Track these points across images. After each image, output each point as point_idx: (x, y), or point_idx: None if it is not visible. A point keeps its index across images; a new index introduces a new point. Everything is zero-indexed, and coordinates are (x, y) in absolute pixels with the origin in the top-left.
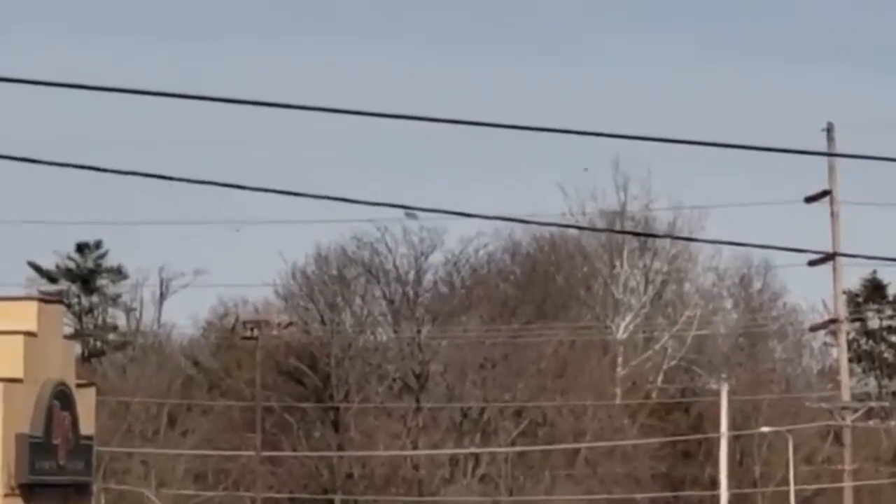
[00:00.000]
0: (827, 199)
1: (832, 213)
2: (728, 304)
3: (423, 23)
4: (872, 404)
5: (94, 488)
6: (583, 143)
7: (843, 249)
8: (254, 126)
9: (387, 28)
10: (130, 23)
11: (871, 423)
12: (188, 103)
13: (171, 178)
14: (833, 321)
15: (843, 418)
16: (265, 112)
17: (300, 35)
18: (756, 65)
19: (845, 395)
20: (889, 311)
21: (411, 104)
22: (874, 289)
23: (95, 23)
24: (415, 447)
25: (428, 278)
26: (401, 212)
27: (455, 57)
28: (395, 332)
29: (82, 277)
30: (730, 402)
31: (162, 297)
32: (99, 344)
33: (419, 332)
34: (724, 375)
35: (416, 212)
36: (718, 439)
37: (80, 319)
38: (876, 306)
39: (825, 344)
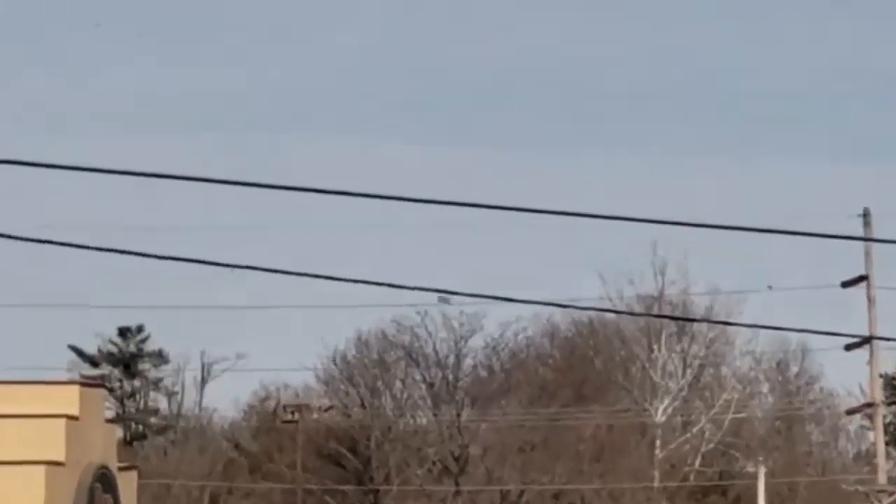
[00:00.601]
0: (863, 283)
1: (869, 298)
2: (765, 387)
3: (461, 109)
4: None
5: None
6: (621, 227)
7: (879, 333)
8: (296, 212)
9: (427, 115)
10: (174, 117)
11: None
12: (230, 189)
13: (212, 263)
14: (869, 405)
15: (880, 502)
16: (307, 198)
17: (342, 121)
18: (793, 150)
19: (882, 479)
20: None
21: (449, 191)
22: None
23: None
24: None
25: (467, 362)
26: (448, 297)
27: (492, 144)
28: (435, 415)
29: (124, 362)
30: (767, 484)
31: (203, 381)
32: (141, 427)
33: (459, 415)
34: (761, 458)
35: (449, 296)
36: None
37: (122, 403)
38: None
39: (861, 427)
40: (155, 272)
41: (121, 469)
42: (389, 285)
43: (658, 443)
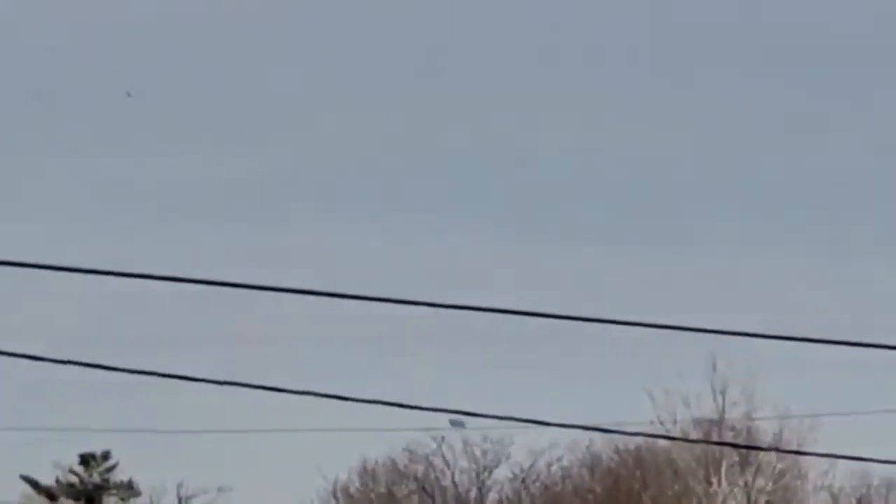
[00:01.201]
0: None
1: None
2: None
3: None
4: None
5: None
6: (675, 340)
7: None
8: (292, 321)
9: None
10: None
11: None
12: (207, 297)
13: (190, 379)
14: None
15: None
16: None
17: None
18: (877, 254)
19: None
20: None
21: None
22: None
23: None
24: None
25: (492, 497)
26: (462, 420)
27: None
28: None
29: (87, 495)
30: None
31: None
32: None
33: None
34: None
35: (464, 419)
36: None
37: None
38: None
39: None
40: (123, 389)
41: None
42: (399, 405)
43: None
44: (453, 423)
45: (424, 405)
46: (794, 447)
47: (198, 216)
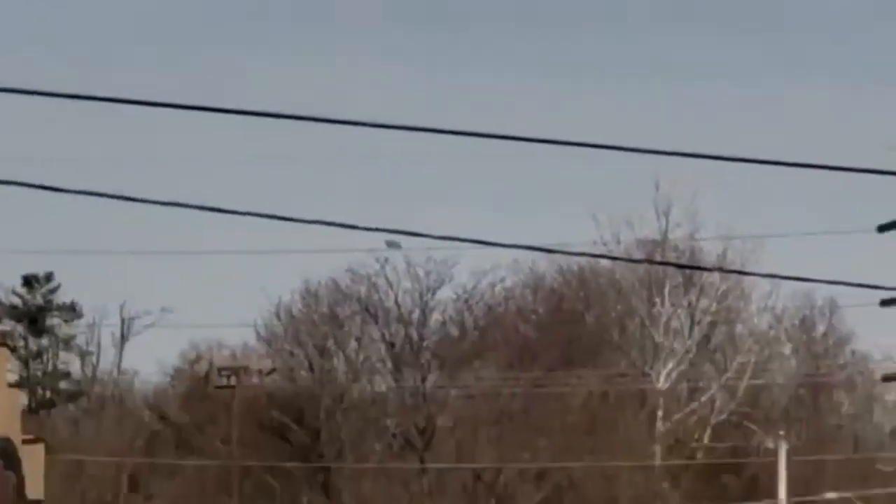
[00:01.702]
0: None
1: None
2: (787, 349)
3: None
4: None
5: None
6: (618, 161)
7: None
8: (234, 141)
9: (398, 35)
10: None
11: None
12: (157, 113)
13: (135, 200)
14: None
15: None
16: (247, 124)
17: (289, 42)
18: (821, 75)
19: None
20: None
21: (417, 117)
22: None
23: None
24: None
25: (435, 318)
26: (406, 240)
27: (455, 66)
28: (396, 380)
29: (30, 316)
30: (789, 463)
31: (123, 339)
32: (48, 394)
33: (424, 380)
34: (782, 432)
35: (398, 240)
36: None
37: (26, 365)
38: None
39: None
40: (67, 211)
41: (25, 442)
42: (341, 225)
43: (660, 413)
44: (389, 245)
45: (365, 225)
46: (737, 268)
47: None
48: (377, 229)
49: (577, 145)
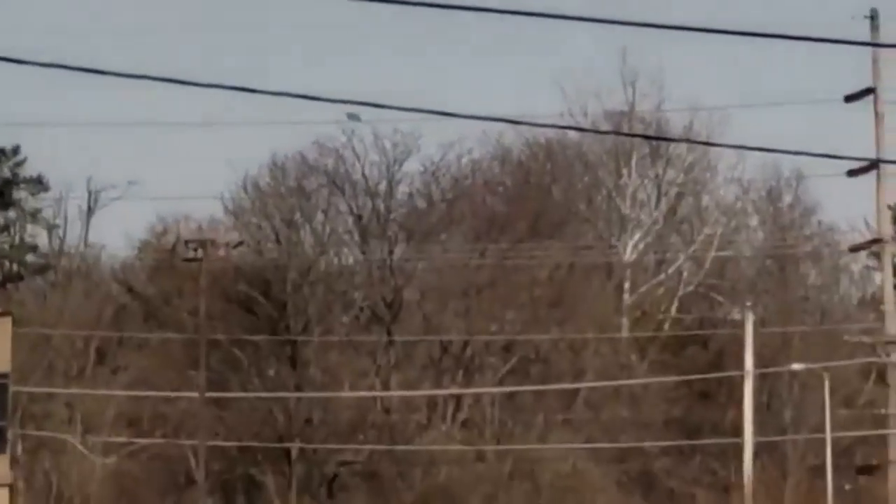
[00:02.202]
0: (870, 97)
1: (876, 114)
2: (753, 220)
3: None
4: None
5: (10, 434)
6: (584, 31)
7: (888, 156)
8: (198, 12)
9: None
10: None
11: None
12: None
13: (101, 72)
14: (876, 241)
15: (888, 354)
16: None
17: None
18: None
19: (890, 328)
20: None
21: None
22: None
23: None
24: (386, 387)
25: (402, 190)
26: (357, 114)
27: None
28: (363, 252)
29: None
30: (756, 334)
31: (90, 211)
32: (15, 267)
33: (391, 253)
34: (748, 304)
35: (358, 113)
36: (742, 378)
37: None
38: None
39: (867, 267)
40: (31, 82)
41: None
42: (305, 97)
43: (627, 285)
44: (350, 117)
45: (332, 97)
46: (704, 139)
47: None
48: (342, 101)
49: (544, 16)
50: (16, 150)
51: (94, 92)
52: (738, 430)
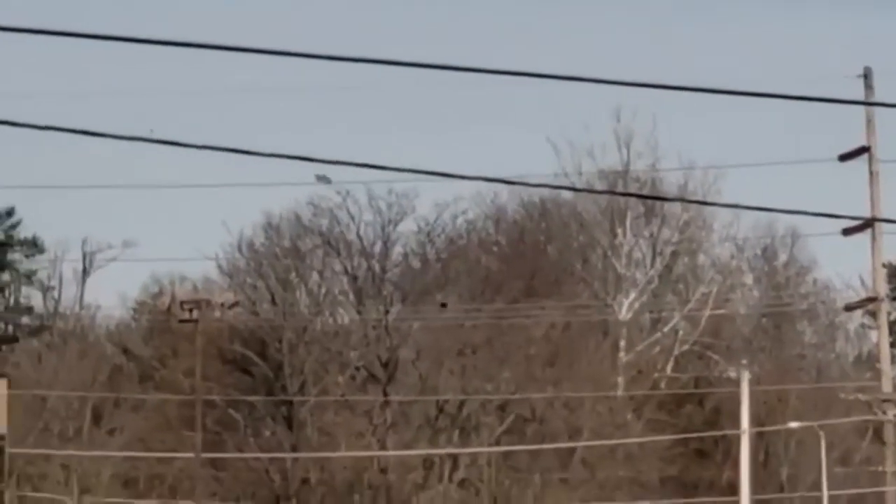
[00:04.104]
0: (864, 156)
1: (871, 173)
2: (749, 279)
3: None
4: None
5: (7, 496)
6: (579, 91)
7: (883, 214)
8: (196, 75)
9: None
10: None
11: None
12: (117, 48)
13: (97, 135)
14: (871, 299)
15: (884, 412)
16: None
17: None
18: (780, 5)
19: (886, 386)
20: None
21: (380, 50)
22: None
23: None
24: (382, 447)
25: (397, 251)
26: (327, 176)
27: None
28: (359, 313)
29: None
30: (752, 393)
31: (85, 273)
32: (11, 328)
33: (387, 313)
34: (744, 362)
35: (328, 176)
36: (738, 437)
37: None
38: None
39: (863, 326)
40: (28, 145)
41: None
42: (300, 158)
43: (622, 344)
44: (319, 179)
45: (327, 158)
46: (699, 198)
47: None
48: (336, 162)
49: (538, 76)
50: (10, 213)
51: (88, 154)
52: (734, 489)
